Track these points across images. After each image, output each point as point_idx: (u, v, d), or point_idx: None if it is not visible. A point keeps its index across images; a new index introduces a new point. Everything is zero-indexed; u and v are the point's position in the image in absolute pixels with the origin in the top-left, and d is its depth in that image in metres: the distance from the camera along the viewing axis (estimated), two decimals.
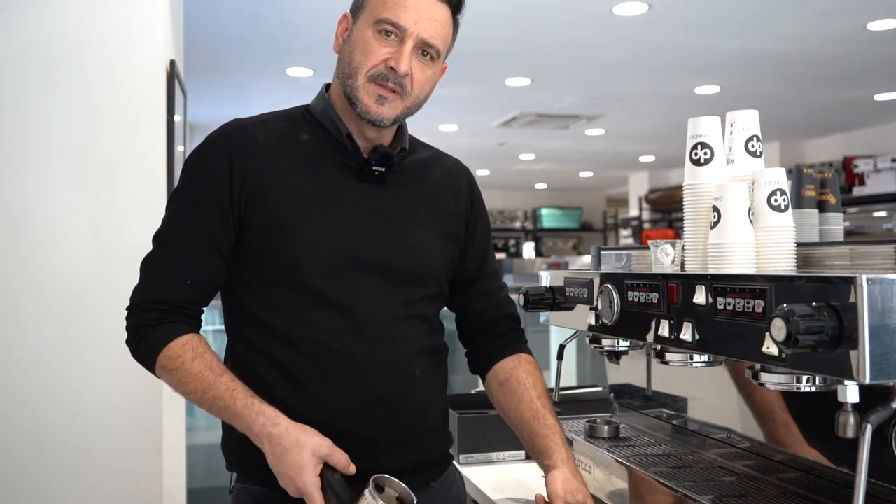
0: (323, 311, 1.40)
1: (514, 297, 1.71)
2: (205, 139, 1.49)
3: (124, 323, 1.44)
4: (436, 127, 8.31)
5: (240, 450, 1.46)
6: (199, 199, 1.41)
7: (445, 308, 1.64)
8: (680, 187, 1.48)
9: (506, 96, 6.83)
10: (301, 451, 1.27)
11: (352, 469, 1.31)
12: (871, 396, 1.04)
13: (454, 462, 1.61)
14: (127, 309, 1.44)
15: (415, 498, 1.30)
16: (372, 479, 1.27)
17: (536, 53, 5.47)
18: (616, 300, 1.48)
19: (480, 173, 12.77)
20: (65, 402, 2.61)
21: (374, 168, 1.46)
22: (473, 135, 8.87)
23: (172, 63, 2.94)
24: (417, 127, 1.63)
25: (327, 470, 1.29)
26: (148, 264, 1.44)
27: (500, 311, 1.64)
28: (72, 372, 2.61)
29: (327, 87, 1.53)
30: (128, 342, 1.44)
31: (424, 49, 1.42)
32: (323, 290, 1.40)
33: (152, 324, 1.40)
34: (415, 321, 1.48)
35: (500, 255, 13.37)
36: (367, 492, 1.25)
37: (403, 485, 1.30)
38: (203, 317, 1.48)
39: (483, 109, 7.42)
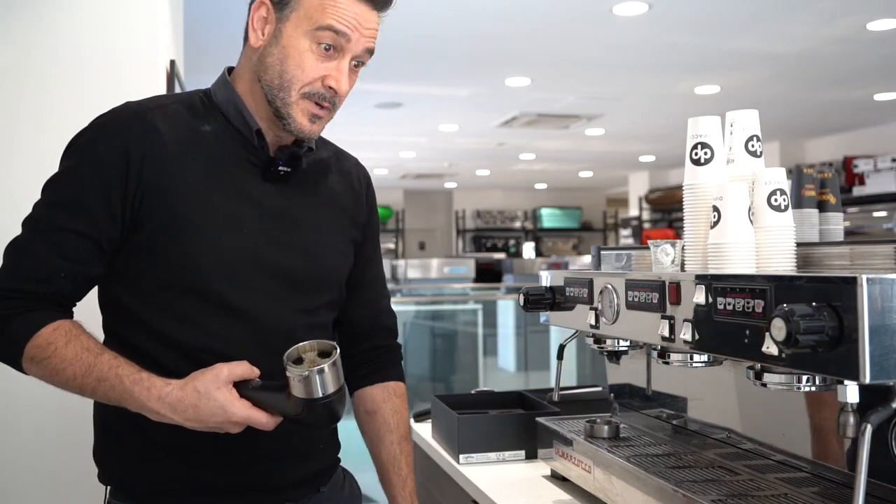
0: (224, 319, 1.32)
1: (514, 297, 1.70)
2: (95, 122, 1.35)
3: None
4: (436, 127, 8.31)
5: (115, 459, 1.37)
6: (85, 190, 1.28)
7: None
8: (680, 187, 1.48)
9: (506, 96, 6.83)
10: (207, 396, 1.19)
11: (256, 371, 1.25)
12: (872, 396, 1.04)
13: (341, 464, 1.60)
14: None
15: (334, 344, 1.26)
16: (285, 357, 1.24)
17: (536, 53, 5.47)
18: (616, 300, 1.48)
19: (480, 173, 12.77)
20: (65, 402, 2.60)
21: (280, 168, 1.38)
22: (473, 135, 8.86)
23: (172, 63, 2.94)
24: (418, 127, 1.63)
25: (242, 385, 1.23)
26: (16, 251, 1.30)
27: (377, 323, 1.59)
28: None
29: (230, 70, 1.43)
30: None
31: (359, 60, 1.36)
32: (224, 297, 1.31)
33: (17, 312, 1.27)
34: (314, 330, 1.40)
35: (500, 255, 13.37)
36: (287, 372, 1.22)
37: (315, 341, 1.27)
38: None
39: (483, 109, 7.41)
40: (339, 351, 1.26)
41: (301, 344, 1.26)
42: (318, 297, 1.44)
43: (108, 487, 1.40)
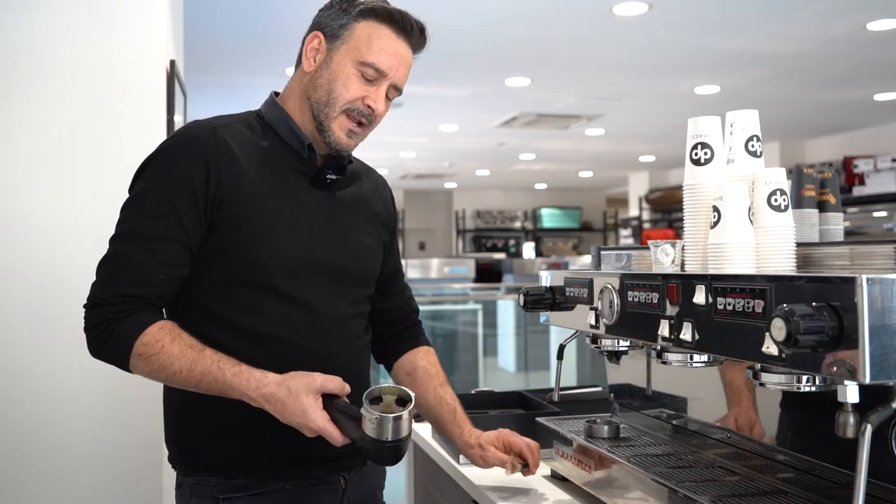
0: (286, 309, 1.50)
1: (514, 297, 1.72)
2: (172, 140, 1.54)
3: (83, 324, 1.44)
4: (436, 127, 8.31)
5: (188, 441, 1.54)
6: (175, 199, 1.45)
7: None
8: (680, 187, 1.48)
9: (506, 96, 6.84)
10: (297, 396, 1.35)
11: (347, 388, 1.40)
12: (871, 396, 1.04)
13: None
14: (88, 307, 1.44)
15: (412, 393, 1.38)
16: (364, 395, 1.36)
17: (536, 53, 5.47)
18: (616, 300, 1.48)
19: (480, 173, 12.77)
20: (65, 403, 2.61)
21: (328, 176, 1.58)
22: (473, 135, 8.86)
23: (172, 63, 2.94)
24: (418, 127, 1.68)
25: (330, 399, 1.37)
26: (117, 261, 1.45)
27: (409, 308, 1.85)
28: (72, 372, 2.61)
29: (276, 94, 1.64)
30: (92, 340, 1.44)
31: (391, 92, 1.57)
32: (286, 290, 1.50)
33: (122, 315, 1.42)
34: (358, 319, 1.64)
35: (500, 255, 13.37)
36: (363, 411, 1.34)
37: (397, 387, 1.40)
38: None
39: (483, 109, 7.42)
40: (414, 400, 1.37)
41: (384, 385, 1.40)
42: (360, 290, 1.64)
43: (178, 469, 1.55)
